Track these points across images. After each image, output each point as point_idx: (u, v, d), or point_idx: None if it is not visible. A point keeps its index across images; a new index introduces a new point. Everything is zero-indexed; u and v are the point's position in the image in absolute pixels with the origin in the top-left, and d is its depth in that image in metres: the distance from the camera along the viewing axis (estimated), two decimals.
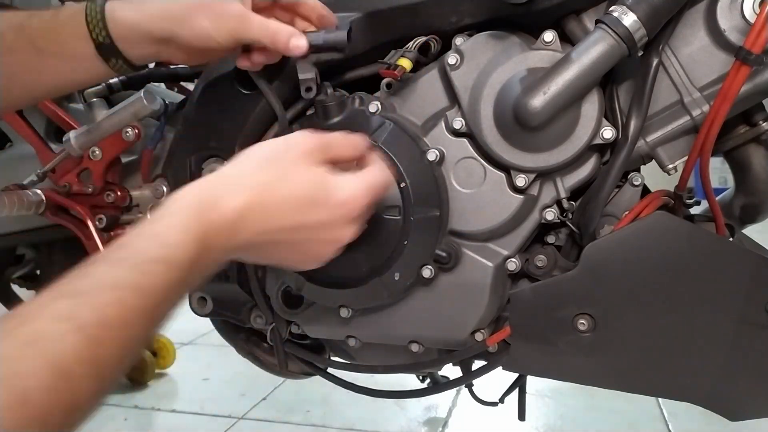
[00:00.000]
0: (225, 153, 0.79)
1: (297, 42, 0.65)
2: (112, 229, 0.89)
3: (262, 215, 0.52)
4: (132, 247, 0.45)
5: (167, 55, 0.67)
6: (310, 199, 0.54)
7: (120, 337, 0.40)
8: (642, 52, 0.67)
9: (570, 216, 0.72)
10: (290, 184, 0.54)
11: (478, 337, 0.74)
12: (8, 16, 0.66)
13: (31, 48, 0.64)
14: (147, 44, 0.65)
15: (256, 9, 0.66)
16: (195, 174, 0.80)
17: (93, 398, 0.38)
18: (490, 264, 0.71)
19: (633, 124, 0.66)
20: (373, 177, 0.59)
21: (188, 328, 2.16)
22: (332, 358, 0.92)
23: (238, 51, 0.68)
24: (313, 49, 0.67)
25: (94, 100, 0.89)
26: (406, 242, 0.69)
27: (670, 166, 0.70)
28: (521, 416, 0.91)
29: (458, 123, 0.71)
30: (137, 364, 1.86)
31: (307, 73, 0.69)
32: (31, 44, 0.64)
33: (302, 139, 0.57)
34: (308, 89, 0.70)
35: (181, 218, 0.48)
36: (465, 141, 0.72)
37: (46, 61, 0.65)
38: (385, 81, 0.75)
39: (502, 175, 0.71)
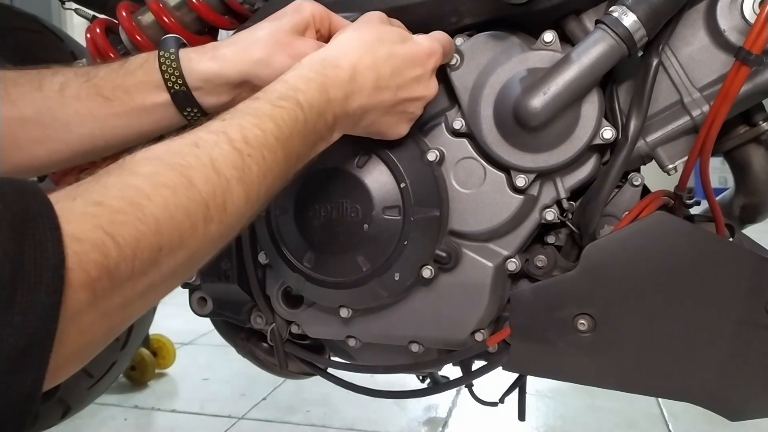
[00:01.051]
0: None
1: None
2: None
3: (373, 72, 0.60)
4: (266, 90, 0.54)
5: (241, 99, 0.66)
6: (407, 56, 0.62)
7: (260, 156, 0.48)
8: (642, 53, 0.67)
9: (570, 216, 0.72)
10: (389, 43, 0.61)
11: (478, 337, 0.74)
12: (75, 67, 0.66)
13: (98, 97, 0.63)
14: (225, 91, 0.65)
15: None
16: None
17: (239, 203, 0.46)
18: (490, 264, 0.71)
19: (633, 124, 0.66)
20: (430, 34, 0.67)
21: (188, 328, 2.16)
22: (332, 358, 0.92)
23: None
24: None
25: None
26: (406, 242, 0.69)
27: (670, 166, 0.70)
28: (521, 416, 0.91)
29: (458, 123, 0.71)
30: (138, 365, 1.86)
31: None
32: (99, 94, 0.63)
33: (372, 13, 0.66)
34: None
35: (307, 70, 0.56)
36: (465, 141, 0.72)
37: (113, 110, 0.63)
38: None
39: (502, 175, 0.71)
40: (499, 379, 0.86)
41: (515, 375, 0.88)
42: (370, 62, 0.59)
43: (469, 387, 0.98)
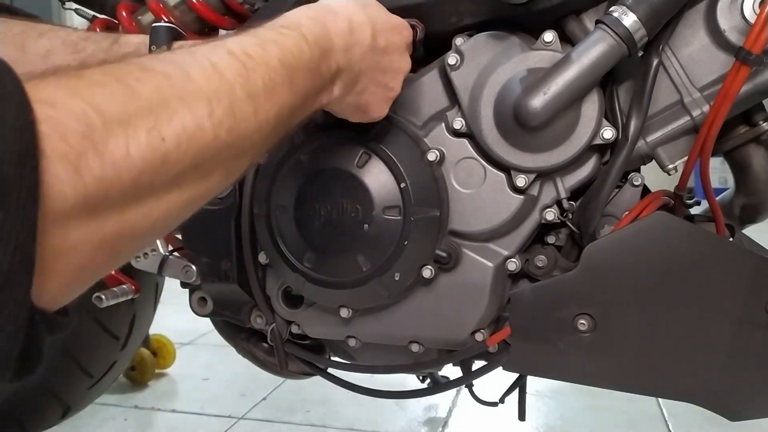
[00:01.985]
0: None
1: None
2: None
3: (369, 28, 0.58)
4: (272, 21, 0.51)
5: None
6: (388, 22, 0.62)
7: (264, 73, 0.45)
8: (642, 53, 0.67)
9: (570, 216, 0.72)
10: (375, 7, 0.61)
11: (479, 337, 0.74)
12: (64, 33, 0.64)
13: None
14: None
15: None
16: None
17: (246, 111, 0.42)
18: (490, 264, 0.71)
19: (633, 125, 0.66)
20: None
21: (188, 328, 2.15)
22: (332, 358, 0.92)
23: None
24: None
25: None
26: (406, 242, 0.69)
27: (670, 166, 0.70)
28: (521, 416, 0.91)
29: (458, 123, 0.71)
30: (137, 365, 1.86)
31: None
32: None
33: None
34: None
35: (306, 12, 0.54)
36: (465, 141, 0.72)
37: None
38: None
39: (502, 175, 0.71)
40: (499, 379, 0.86)
41: (515, 375, 0.88)
42: (365, 18, 0.58)
43: (469, 387, 0.98)
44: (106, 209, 0.32)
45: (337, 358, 0.91)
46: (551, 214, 0.71)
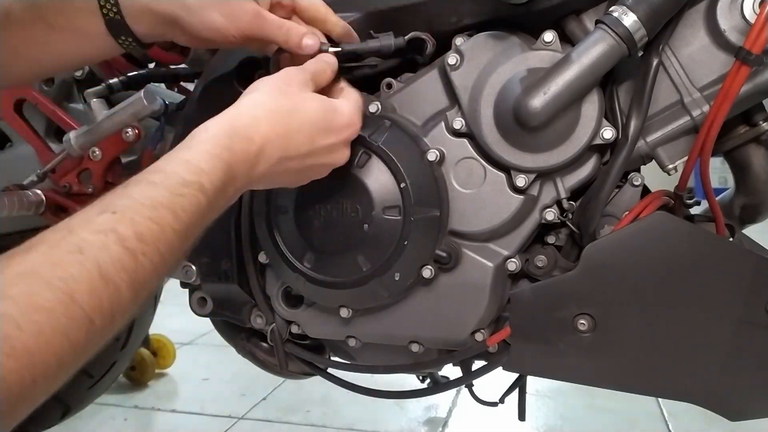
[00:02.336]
0: None
1: (308, 41, 0.66)
2: None
3: (283, 143, 0.57)
4: (165, 172, 0.48)
5: (173, 37, 0.67)
6: (322, 126, 0.60)
7: (156, 252, 0.43)
8: (642, 53, 0.67)
9: (570, 216, 0.72)
10: (304, 113, 0.59)
11: (478, 337, 0.74)
12: None
13: (41, 23, 0.64)
14: (155, 24, 0.65)
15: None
16: None
17: (129, 307, 0.42)
18: (490, 264, 0.71)
19: (633, 124, 0.66)
20: (357, 97, 0.66)
21: (188, 328, 2.16)
22: (332, 358, 0.92)
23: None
24: (359, 55, 0.69)
25: (95, 100, 0.89)
26: (406, 242, 0.69)
27: (670, 166, 0.70)
28: (521, 416, 0.91)
29: (458, 123, 0.71)
30: (137, 365, 1.86)
31: None
32: (42, 20, 0.64)
33: (296, 71, 0.62)
34: None
35: (212, 146, 0.51)
36: (465, 141, 0.72)
37: (55, 36, 0.65)
38: (385, 81, 0.75)
39: (502, 175, 0.71)
40: (499, 379, 0.86)
41: (515, 375, 0.88)
42: (282, 132, 0.57)
43: (469, 387, 0.98)
44: None
45: (337, 358, 0.91)
46: (551, 214, 0.71)
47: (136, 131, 0.85)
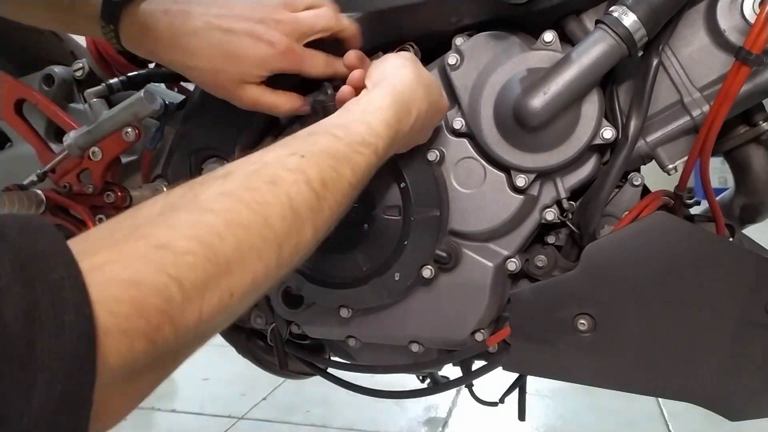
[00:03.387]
0: (225, 153, 0.79)
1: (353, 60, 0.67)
2: None
3: (428, 114, 0.61)
4: (349, 129, 0.51)
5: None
6: (443, 106, 0.65)
7: (334, 200, 0.47)
8: (642, 52, 0.67)
9: (570, 216, 0.72)
10: (436, 86, 0.64)
11: (478, 337, 0.74)
12: None
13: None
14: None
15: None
16: (195, 174, 0.80)
17: (309, 245, 0.45)
18: (490, 264, 0.71)
19: (633, 124, 0.66)
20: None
21: None
22: (332, 358, 0.92)
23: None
24: None
25: (94, 100, 0.89)
26: (406, 242, 0.69)
27: (670, 166, 0.70)
28: (521, 416, 0.91)
29: (458, 123, 0.71)
30: None
31: None
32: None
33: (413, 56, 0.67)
34: None
35: (388, 115, 0.55)
36: (465, 141, 0.72)
37: (45, 13, 0.66)
38: None
39: (502, 175, 0.71)
40: (499, 379, 0.86)
41: (515, 375, 0.88)
42: (426, 109, 0.60)
43: (469, 387, 0.98)
44: (168, 357, 0.35)
45: (337, 358, 0.91)
46: (551, 214, 0.71)
47: (136, 131, 0.84)
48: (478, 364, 0.83)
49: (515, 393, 0.91)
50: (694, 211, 0.79)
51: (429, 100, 0.61)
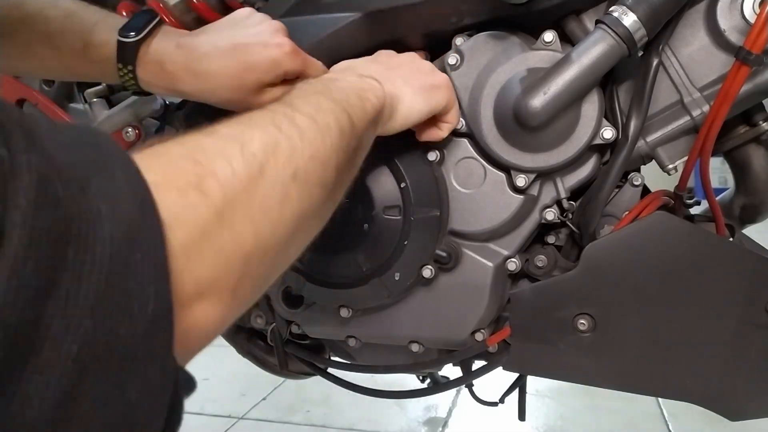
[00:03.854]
0: None
1: None
2: None
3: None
4: (342, 92, 0.53)
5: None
6: (431, 82, 0.66)
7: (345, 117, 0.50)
8: (642, 52, 0.67)
9: (570, 216, 0.72)
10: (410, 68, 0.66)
11: (479, 337, 0.74)
12: (43, 23, 0.65)
13: (48, 43, 0.65)
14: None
15: None
16: None
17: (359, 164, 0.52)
18: (490, 264, 0.71)
19: (633, 124, 0.66)
20: None
21: None
22: (332, 358, 0.92)
23: None
24: None
25: (95, 100, 0.89)
26: (406, 242, 0.69)
27: (670, 166, 0.70)
28: (521, 416, 0.91)
29: (458, 123, 0.71)
30: None
31: None
32: (48, 42, 0.64)
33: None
34: None
35: (379, 88, 0.58)
36: (465, 141, 0.72)
37: (60, 61, 0.66)
38: None
39: (502, 175, 0.71)
40: (499, 379, 0.86)
41: (515, 375, 0.88)
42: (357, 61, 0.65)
43: (469, 387, 0.98)
44: (234, 225, 0.35)
45: (337, 358, 0.91)
46: (551, 214, 0.71)
47: (136, 131, 0.84)
48: (478, 364, 0.83)
49: (515, 393, 0.91)
50: (694, 211, 0.79)
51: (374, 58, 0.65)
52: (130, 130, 0.84)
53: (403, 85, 0.62)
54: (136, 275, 0.27)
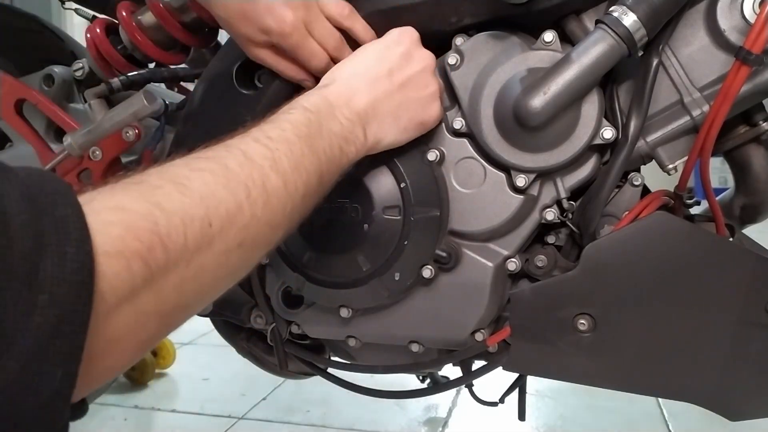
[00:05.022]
0: None
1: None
2: None
3: (363, 70, 0.64)
4: (327, 141, 0.56)
5: None
6: (383, 43, 0.67)
7: (286, 149, 0.51)
8: (642, 52, 0.67)
9: (570, 216, 0.72)
10: (394, 48, 0.66)
11: (478, 337, 0.74)
12: None
13: None
14: None
15: None
16: None
17: (280, 192, 0.49)
18: (490, 264, 0.71)
19: (633, 124, 0.66)
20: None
21: (188, 328, 2.14)
22: (332, 358, 0.92)
23: None
24: None
25: (95, 100, 0.88)
26: (406, 242, 0.69)
27: (670, 166, 0.70)
28: (521, 416, 0.91)
29: (458, 123, 0.71)
30: (137, 365, 1.85)
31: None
32: None
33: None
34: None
35: (362, 142, 0.61)
36: (465, 141, 0.72)
37: None
38: None
39: (502, 175, 0.71)
40: (499, 379, 0.86)
41: (515, 375, 0.88)
42: (362, 69, 0.64)
43: (469, 387, 0.98)
44: (167, 289, 0.37)
45: (337, 358, 0.91)
46: (551, 214, 0.71)
47: (136, 131, 0.84)
48: (478, 364, 0.83)
49: (515, 393, 0.91)
50: (694, 211, 0.79)
51: (362, 56, 0.65)
52: (129, 130, 0.84)
53: (391, 123, 0.64)
54: (52, 360, 0.29)
